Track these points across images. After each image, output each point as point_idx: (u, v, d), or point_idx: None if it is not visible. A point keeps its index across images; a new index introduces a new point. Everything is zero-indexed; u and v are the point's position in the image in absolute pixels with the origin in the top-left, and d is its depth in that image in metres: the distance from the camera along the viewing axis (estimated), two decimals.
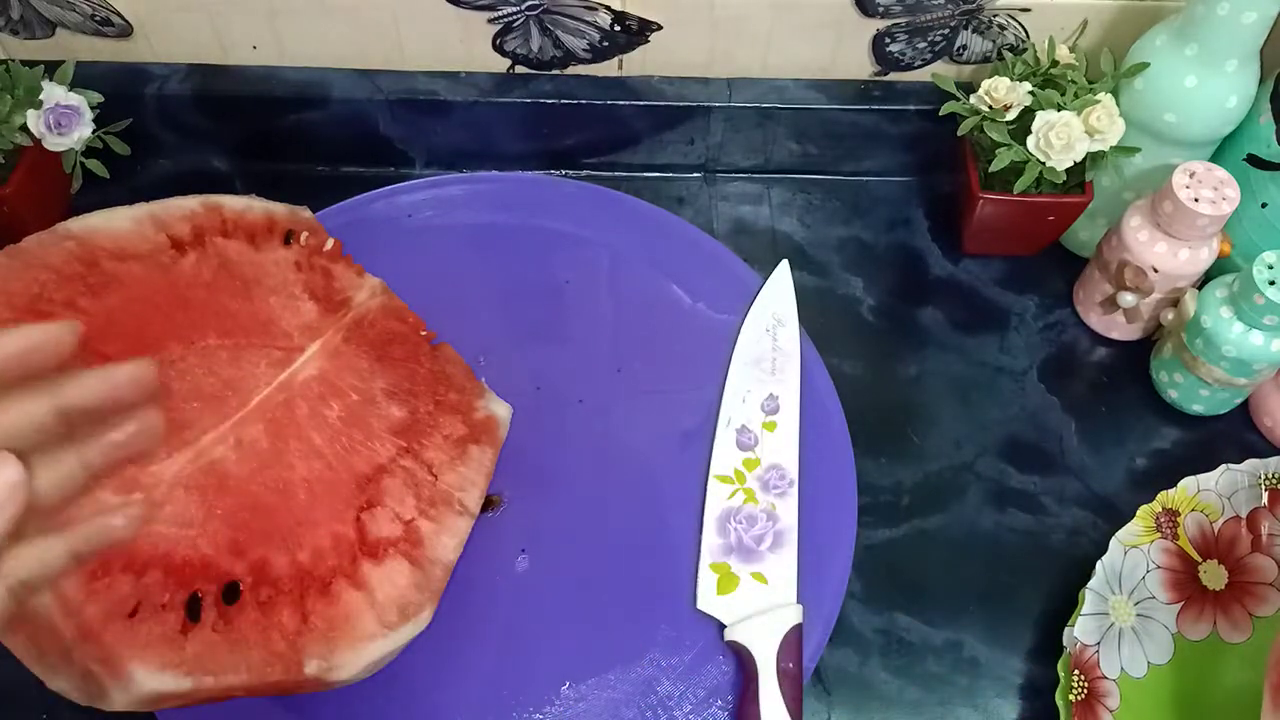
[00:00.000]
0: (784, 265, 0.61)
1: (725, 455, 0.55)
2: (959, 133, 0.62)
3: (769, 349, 0.58)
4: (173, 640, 0.40)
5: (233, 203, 0.53)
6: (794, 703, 0.47)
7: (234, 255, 0.51)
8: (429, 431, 0.50)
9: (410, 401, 0.50)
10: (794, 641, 0.49)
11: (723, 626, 0.50)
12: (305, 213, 0.55)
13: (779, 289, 0.60)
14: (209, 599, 0.41)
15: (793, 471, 0.54)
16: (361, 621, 0.43)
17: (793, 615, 0.49)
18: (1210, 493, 0.54)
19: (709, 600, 0.51)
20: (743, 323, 0.59)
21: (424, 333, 0.54)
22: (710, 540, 0.53)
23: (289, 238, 0.53)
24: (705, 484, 0.54)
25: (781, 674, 0.47)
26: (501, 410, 0.52)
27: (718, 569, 0.52)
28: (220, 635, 0.41)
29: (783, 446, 0.55)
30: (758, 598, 0.51)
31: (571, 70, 0.68)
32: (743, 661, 0.49)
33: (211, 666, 0.40)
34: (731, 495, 0.54)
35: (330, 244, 0.54)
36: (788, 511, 0.53)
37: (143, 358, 0.44)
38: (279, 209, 0.55)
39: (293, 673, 0.41)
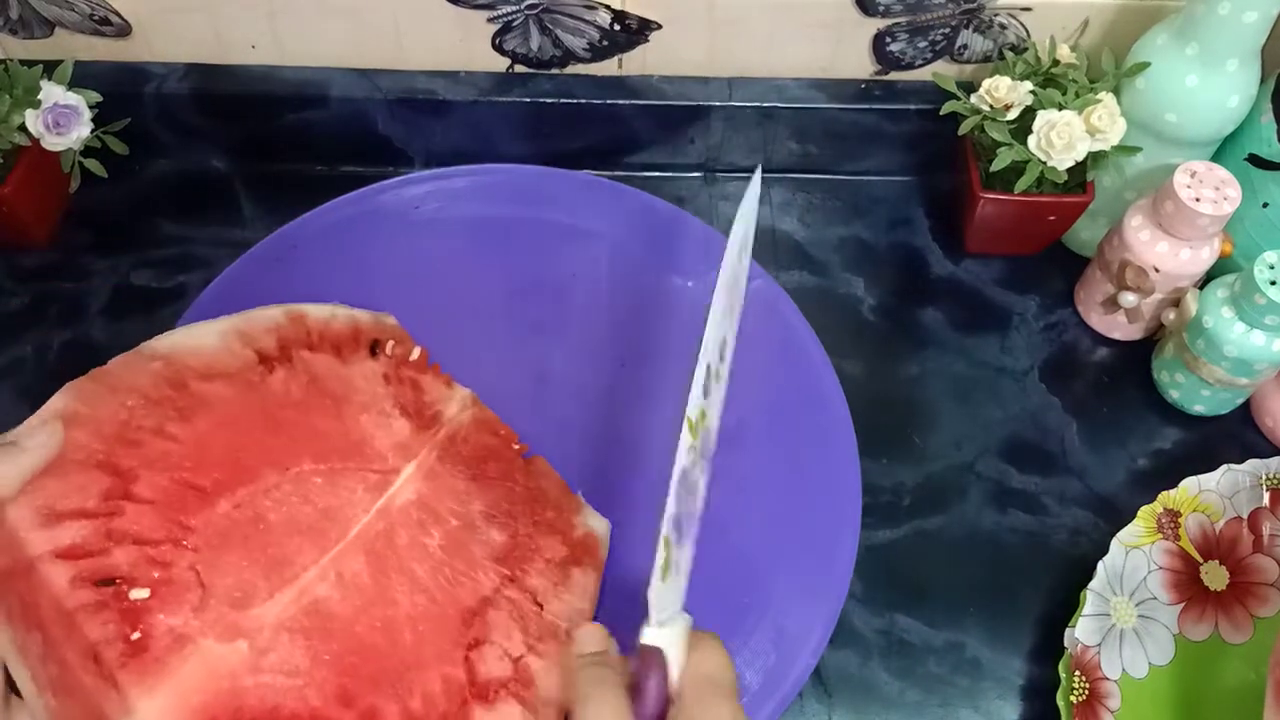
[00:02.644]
0: (757, 174, 0.51)
1: (695, 400, 0.42)
2: (960, 132, 0.62)
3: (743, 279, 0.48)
4: None
5: (316, 312, 0.52)
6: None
7: (322, 371, 0.50)
8: (530, 556, 0.48)
9: (510, 524, 0.49)
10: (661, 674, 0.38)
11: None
12: (389, 319, 0.54)
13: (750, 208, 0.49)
14: None
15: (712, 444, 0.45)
16: None
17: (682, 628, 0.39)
18: (1211, 493, 0.54)
19: (656, 586, 0.38)
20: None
21: (516, 446, 0.52)
22: (669, 508, 0.40)
23: (375, 348, 0.52)
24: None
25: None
26: (600, 526, 0.51)
27: (666, 546, 0.39)
28: None
29: (716, 405, 0.45)
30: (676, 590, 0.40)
31: (571, 70, 0.68)
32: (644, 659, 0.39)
33: None
34: (690, 450, 0.41)
35: (416, 353, 0.53)
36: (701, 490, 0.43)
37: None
38: (363, 316, 0.53)
39: None
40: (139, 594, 0.39)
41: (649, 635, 0.38)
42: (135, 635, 0.38)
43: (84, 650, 0.37)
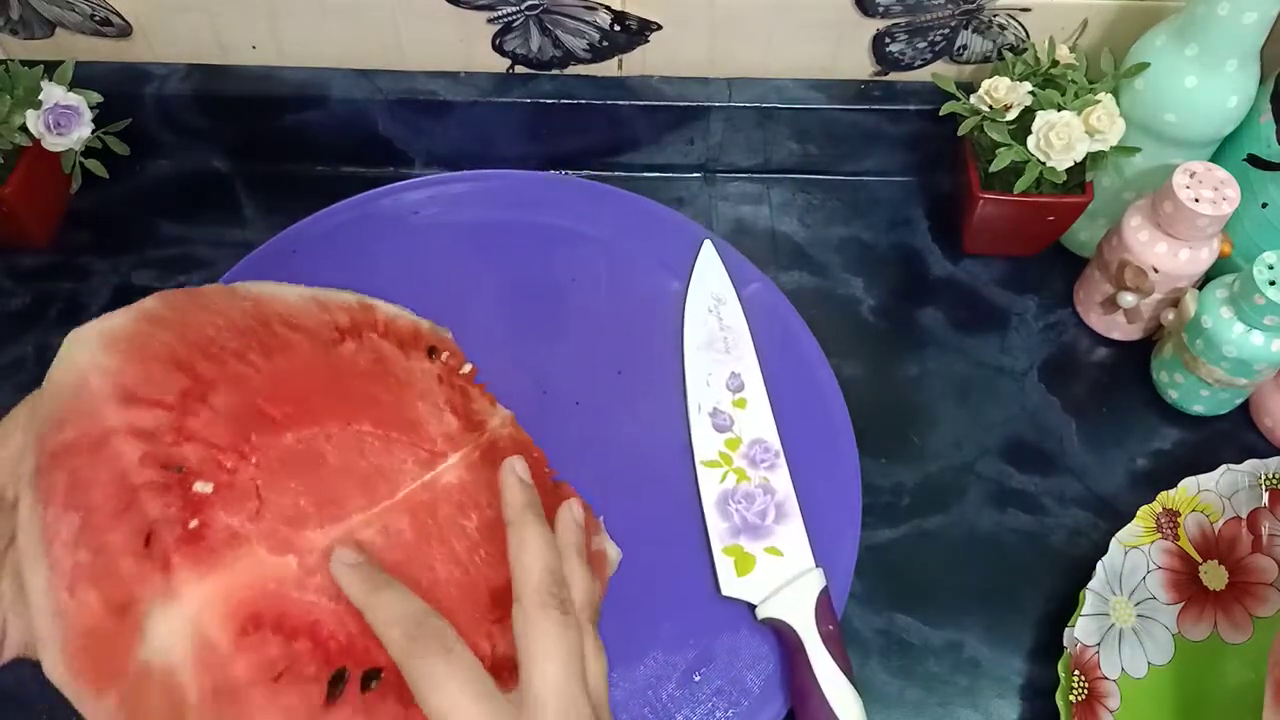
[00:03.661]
0: (708, 244, 0.62)
1: (705, 441, 0.55)
2: (959, 133, 0.62)
3: (717, 329, 0.59)
4: (314, 714, 0.38)
5: (386, 307, 0.53)
6: (843, 661, 0.48)
7: (387, 354, 0.51)
8: None
9: None
10: (825, 604, 0.49)
11: (752, 609, 0.51)
12: (445, 333, 0.56)
13: (709, 269, 0.61)
14: (353, 680, 0.40)
15: (775, 443, 0.55)
16: None
17: (816, 579, 0.50)
18: (1211, 493, 0.54)
19: (732, 584, 0.51)
20: (684, 307, 0.60)
21: (546, 470, 0.53)
22: (716, 526, 0.53)
23: (432, 352, 0.53)
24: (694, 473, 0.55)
25: (825, 638, 0.48)
26: (612, 551, 0.52)
27: (731, 552, 0.52)
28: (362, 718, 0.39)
29: (758, 420, 0.56)
30: (778, 571, 0.51)
31: (571, 70, 0.68)
32: (782, 637, 0.50)
33: None
34: (723, 479, 0.54)
35: (468, 368, 0.54)
36: (782, 482, 0.54)
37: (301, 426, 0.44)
38: (424, 323, 0.55)
39: None
40: (203, 487, 0.40)
41: (759, 611, 0.50)
42: (194, 524, 0.39)
43: (136, 529, 0.38)
